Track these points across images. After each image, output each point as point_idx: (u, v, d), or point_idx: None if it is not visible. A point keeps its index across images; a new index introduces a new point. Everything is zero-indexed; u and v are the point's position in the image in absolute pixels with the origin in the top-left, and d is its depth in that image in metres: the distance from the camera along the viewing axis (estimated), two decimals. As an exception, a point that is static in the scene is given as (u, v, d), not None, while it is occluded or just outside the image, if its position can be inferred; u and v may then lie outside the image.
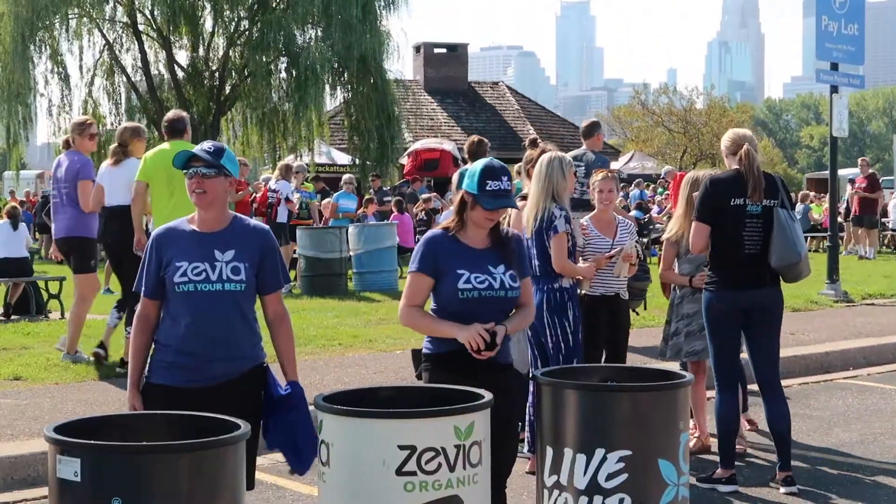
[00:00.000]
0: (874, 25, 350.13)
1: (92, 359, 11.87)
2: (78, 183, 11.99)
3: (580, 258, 8.71)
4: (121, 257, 11.83)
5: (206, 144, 5.79)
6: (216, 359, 5.59)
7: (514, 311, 5.96)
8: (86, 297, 12.32)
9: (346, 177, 26.94)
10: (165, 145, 11.48)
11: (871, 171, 29.87)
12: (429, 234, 6.01)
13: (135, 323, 5.78)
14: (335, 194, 26.01)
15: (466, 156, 11.77)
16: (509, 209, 6.25)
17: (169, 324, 5.66)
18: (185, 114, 11.84)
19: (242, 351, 5.68)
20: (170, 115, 11.77)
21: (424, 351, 5.99)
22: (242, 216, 5.91)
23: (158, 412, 5.13)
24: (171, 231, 5.77)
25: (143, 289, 5.74)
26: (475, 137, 11.71)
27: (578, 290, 8.63)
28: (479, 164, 5.92)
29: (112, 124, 38.14)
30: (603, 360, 9.01)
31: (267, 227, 5.97)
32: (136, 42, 38.22)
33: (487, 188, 5.81)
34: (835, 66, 18.74)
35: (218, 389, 5.57)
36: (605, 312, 8.92)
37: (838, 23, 18.68)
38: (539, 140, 9.61)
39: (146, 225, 11.83)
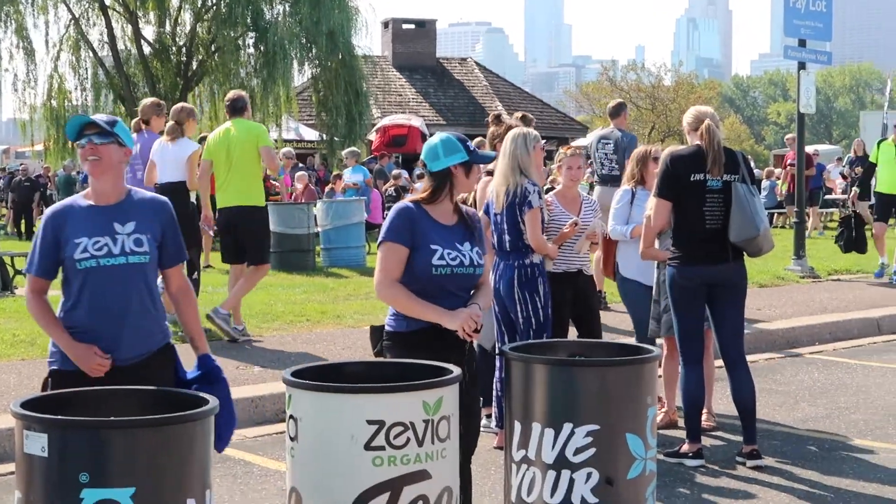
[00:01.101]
0: (842, 2, 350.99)
1: None
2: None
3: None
4: None
5: (100, 115, 5.60)
6: (124, 338, 5.38)
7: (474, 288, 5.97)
8: None
9: (347, 151, 26.91)
10: (228, 124, 12.41)
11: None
12: (400, 205, 5.91)
13: (32, 299, 5.49)
14: (344, 171, 26.08)
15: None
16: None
17: (71, 305, 5.41)
18: (244, 93, 12.73)
19: (150, 329, 5.49)
20: (230, 95, 12.62)
21: (387, 329, 5.92)
22: (138, 189, 5.71)
23: (128, 387, 5.09)
24: (66, 208, 5.51)
25: (33, 267, 5.46)
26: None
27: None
28: (446, 136, 5.97)
29: (78, 100, 37.94)
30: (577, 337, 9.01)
31: (165, 198, 5.71)
32: (102, 17, 37.96)
33: (471, 148, 5.91)
34: (802, 43, 18.77)
35: (128, 372, 5.34)
36: (568, 289, 8.90)
37: (806, -1, 18.72)
38: (503, 115, 9.62)
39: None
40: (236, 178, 12.18)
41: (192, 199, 12.83)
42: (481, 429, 6.30)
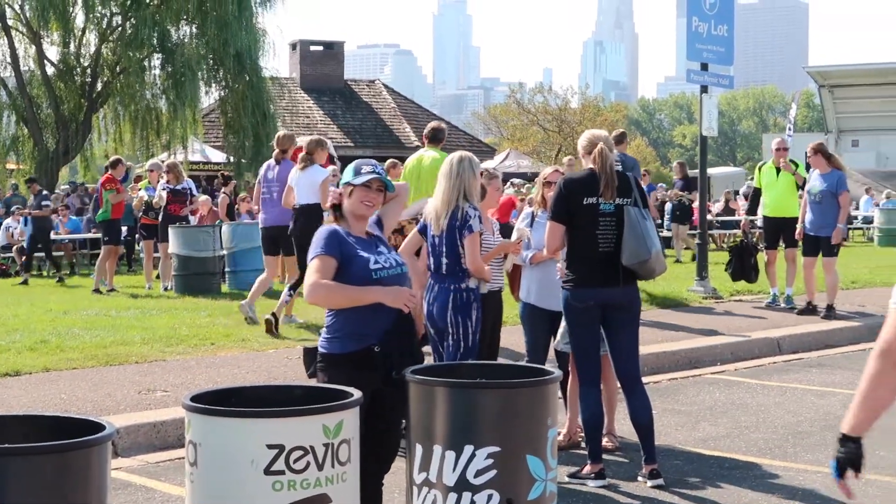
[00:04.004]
0: (746, 26, 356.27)
1: (262, 323, 14.30)
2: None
3: None
4: (304, 247, 13.40)
5: None
6: None
7: None
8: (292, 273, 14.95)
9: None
10: (422, 151, 13.80)
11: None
12: (323, 228, 6.21)
13: None
14: None
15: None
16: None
17: None
18: (444, 125, 14.47)
19: None
20: (433, 124, 14.21)
21: (321, 350, 6.09)
22: None
23: (20, 414, 5.02)
24: None
25: None
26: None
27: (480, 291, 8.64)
28: (353, 162, 6.36)
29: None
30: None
31: None
32: (5, 37, 37.55)
33: (359, 171, 6.23)
34: (705, 67, 19.01)
35: None
36: (491, 309, 8.98)
37: (708, 24, 18.96)
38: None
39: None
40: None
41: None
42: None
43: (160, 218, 20.17)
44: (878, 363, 3.70)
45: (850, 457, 3.88)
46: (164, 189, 20.13)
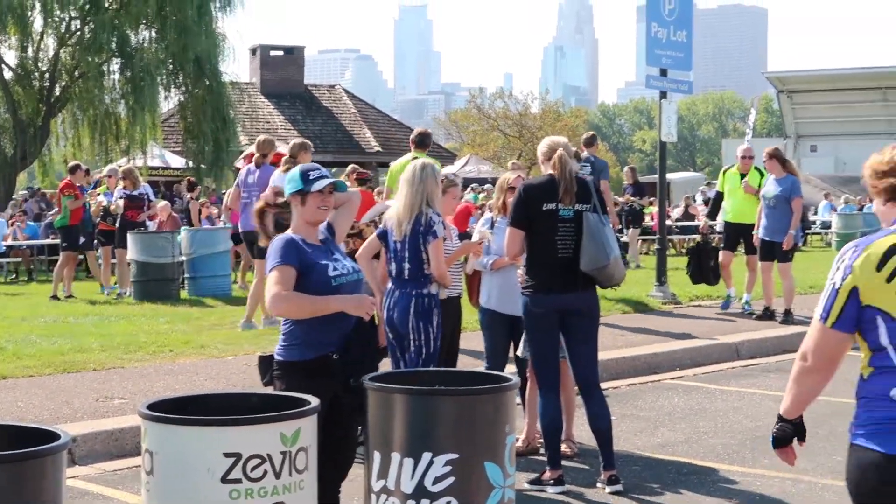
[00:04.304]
0: (705, 32, 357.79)
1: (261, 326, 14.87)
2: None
3: None
4: None
5: None
6: None
7: None
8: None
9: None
10: (409, 156, 13.51)
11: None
12: (280, 237, 6.16)
13: None
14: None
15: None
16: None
17: None
18: (430, 131, 14.67)
19: None
20: (419, 129, 14.41)
21: (277, 358, 6.09)
22: None
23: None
24: None
25: None
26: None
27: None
28: (295, 169, 6.32)
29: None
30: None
31: None
32: (-38, 41, 37.28)
33: (310, 178, 6.17)
34: (664, 72, 19.06)
35: None
36: (450, 315, 8.99)
37: (667, 29, 19.01)
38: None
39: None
40: None
41: None
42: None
43: (118, 224, 20.06)
44: (798, 364, 4.35)
45: (783, 434, 4.49)
46: (120, 196, 20.04)
